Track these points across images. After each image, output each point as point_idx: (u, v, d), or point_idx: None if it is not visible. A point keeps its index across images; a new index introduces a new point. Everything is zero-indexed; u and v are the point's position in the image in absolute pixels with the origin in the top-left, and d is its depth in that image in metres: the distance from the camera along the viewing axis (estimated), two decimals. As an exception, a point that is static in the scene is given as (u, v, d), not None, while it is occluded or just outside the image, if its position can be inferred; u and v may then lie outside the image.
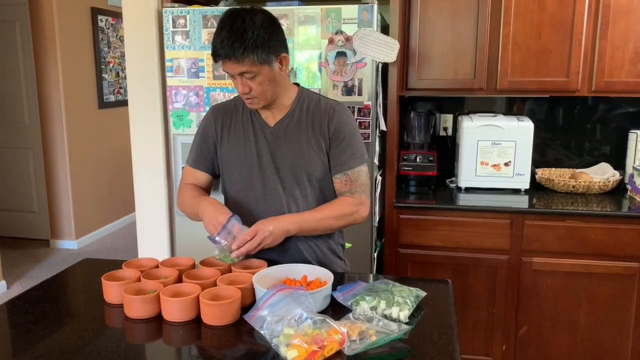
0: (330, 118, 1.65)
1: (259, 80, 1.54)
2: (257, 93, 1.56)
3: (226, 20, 1.50)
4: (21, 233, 5.06)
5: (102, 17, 5.18)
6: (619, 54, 2.52)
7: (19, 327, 1.35)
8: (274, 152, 1.65)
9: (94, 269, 1.75)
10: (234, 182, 1.71)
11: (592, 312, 2.48)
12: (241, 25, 1.47)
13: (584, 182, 2.65)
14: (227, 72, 1.56)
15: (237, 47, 1.46)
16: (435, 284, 1.60)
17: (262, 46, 1.49)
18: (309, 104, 1.68)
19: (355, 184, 1.65)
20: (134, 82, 2.74)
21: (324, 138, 1.65)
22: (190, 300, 1.34)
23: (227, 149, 1.70)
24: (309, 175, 1.65)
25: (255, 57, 1.48)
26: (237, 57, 1.48)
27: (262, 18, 1.51)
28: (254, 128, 1.68)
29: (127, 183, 4.55)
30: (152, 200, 2.81)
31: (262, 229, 1.52)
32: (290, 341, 1.15)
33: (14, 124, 4.87)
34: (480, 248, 2.50)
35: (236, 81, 1.55)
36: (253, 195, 1.67)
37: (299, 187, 1.65)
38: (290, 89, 1.68)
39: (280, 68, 1.58)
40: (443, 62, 2.67)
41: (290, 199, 1.65)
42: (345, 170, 1.65)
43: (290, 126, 1.66)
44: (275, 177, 1.65)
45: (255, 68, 1.51)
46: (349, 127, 1.67)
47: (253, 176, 1.67)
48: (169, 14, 2.48)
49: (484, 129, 2.67)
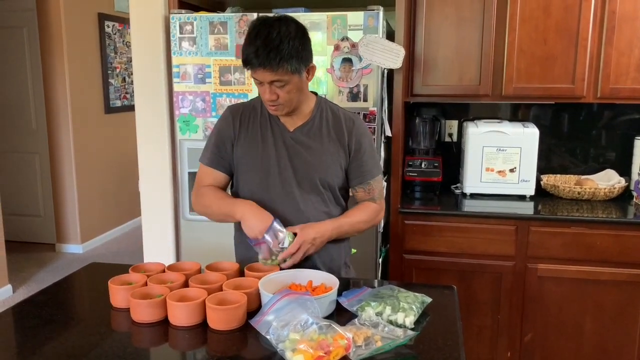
0: (350, 130, 1.70)
1: (287, 89, 1.56)
2: (283, 100, 1.58)
3: (261, 28, 1.51)
4: (27, 237, 5.08)
5: (109, 23, 5.21)
6: (625, 60, 2.52)
7: (25, 331, 1.35)
8: (293, 157, 1.68)
9: (100, 273, 1.76)
10: (248, 182, 1.73)
11: (597, 319, 2.47)
12: (277, 35, 1.49)
13: (590, 188, 2.65)
14: (256, 79, 1.57)
15: (272, 57, 1.48)
16: (441, 290, 1.60)
17: (295, 56, 1.51)
18: (327, 113, 1.72)
19: (376, 191, 1.75)
20: (141, 88, 2.76)
21: (344, 148, 1.69)
22: (196, 304, 1.34)
23: (243, 149, 1.72)
24: (325, 181, 1.69)
25: (289, 66, 1.51)
26: (272, 66, 1.49)
27: (296, 28, 1.54)
28: (272, 131, 1.70)
29: (133, 187, 4.56)
30: (158, 205, 2.82)
31: (306, 240, 1.58)
32: (296, 346, 1.15)
33: (21, 129, 4.90)
34: (486, 254, 2.49)
35: (263, 88, 1.57)
36: (268, 197, 1.68)
37: (314, 191, 1.69)
38: (310, 97, 1.71)
39: (307, 77, 1.61)
40: (448, 68, 2.68)
41: (307, 202, 1.68)
42: (368, 180, 1.73)
43: (310, 133, 1.69)
44: (292, 181, 1.68)
45: (286, 77, 1.53)
46: (368, 139, 1.74)
47: (270, 178, 1.69)
48: (176, 20, 2.50)
49: (489, 135, 2.67)
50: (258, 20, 1.55)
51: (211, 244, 2.57)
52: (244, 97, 2.48)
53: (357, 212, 1.73)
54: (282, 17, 1.56)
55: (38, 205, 5.01)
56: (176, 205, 2.78)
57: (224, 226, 2.55)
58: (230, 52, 2.47)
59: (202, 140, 2.55)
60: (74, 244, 4.96)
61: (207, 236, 2.59)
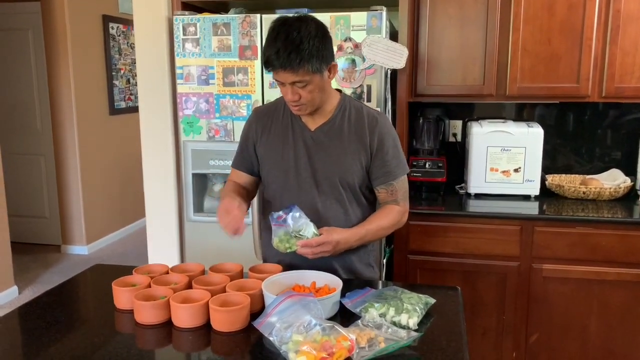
0: (373, 129, 1.67)
1: (309, 89, 1.55)
2: (306, 100, 1.57)
3: (280, 29, 1.51)
4: (32, 238, 5.10)
5: (113, 25, 5.23)
6: (629, 59, 2.51)
7: (30, 332, 1.36)
8: (312, 156, 1.67)
9: (104, 274, 1.77)
10: (270, 182, 1.75)
11: (603, 319, 2.46)
12: (297, 35, 1.48)
13: (595, 188, 2.63)
14: (277, 81, 1.56)
15: (293, 58, 1.47)
16: (445, 290, 1.59)
17: (316, 56, 1.50)
18: (350, 112, 1.70)
19: (399, 192, 1.72)
20: (145, 89, 2.77)
21: (365, 148, 1.67)
22: (200, 306, 1.35)
23: (265, 150, 1.73)
24: (345, 181, 1.68)
25: (310, 66, 1.50)
26: (293, 67, 1.49)
27: (316, 27, 1.53)
28: (293, 131, 1.70)
29: (138, 189, 4.57)
30: (162, 206, 2.83)
31: (329, 241, 1.54)
32: (299, 348, 1.15)
33: (26, 131, 4.93)
34: (490, 255, 2.48)
35: (285, 89, 1.56)
36: (288, 196, 1.69)
37: (334, 192, 1.68)
38: (333, 95, 1.70)
39: (329, 76, 1.60)
40: (452, 68, 2.67)
41: (325, 203, 1.68)
42: (391, 181, 1.70)
43: (331, 132, 1.68)
44: (311, 181, 1.68)
45: (308, 77, 1.52)
46: (392, 138, 1.70)
47: (289, 178, 1.69)
48: (180, 21, 2.50)
49: (494, 135, 2.66)
50: (278, 20, 1.54)
51: (215, 245, 2.58)
52: (247, 98, 2.49)
53: (380, 217, 1.70)
54: (302, 16, 1.55)
55: (43, 207, 5.03)
56: (180, 207, 2.79)
57: (228, 227, 2.57)
58: (233, 53, 2.47)
59: (205, 141, 2.56)
60: (79, 245, 4.98)
61: (211, 238, 2.59)
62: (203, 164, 2.58)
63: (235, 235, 1.57)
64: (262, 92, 2.47)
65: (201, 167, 2.59)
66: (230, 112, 2.52)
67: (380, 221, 1.70)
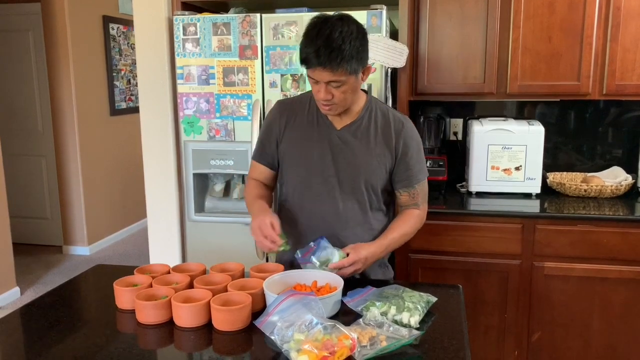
0: (399, 133, 1.68)
1: (343, 89, 1.54)
2: (338, 101, 1.57)
3: (322, 27, 1.49)
4: (34, 239, 5.11)
5: (114, 25, 5.23)
6: (630, 56, 2.51)
7: (32, 333, 1.36)
8: (337, 155, 1.67)
9: (106, 274, 1.77)
10: (291, 178, 1.74)
11: (605, 317, 2.45)
12: (339, 35, 1.47)
13: (596, 186, 2.63)
14: (312, 78, 1.55)
15: (334, 58, 1.46)
16: (446, 289, 1.59)
17: (355, 57, 1.50)
18: (376, 114, 1.70)
19: (420, 196, 1.74)
20: (145, 89, 2.77)
21: (390, 151, 1.67)
22: (201, 305, 1.35)
23: (288, 145, 1.72)
24: (367, 182, 1.67)
25: (348, 67, 1.49)
26: (333, 67, 1.48)
27: (357, 29, 1.53)
28: (319, 128, 1.69)
29: (139, 189, 4.58)
30: (163, 207, 2.83)
31: (359, 259, 1.56)
32: (300, 347, 1.15)
33: (27, 132, 4.93)
34: (492, 253, 2.48)
35: (318, 87, 1.55)
36: (309, 194, 1.69)
37: (355, 192, 1.67)
38: (361, 96, 1.70)
39: (362, 78, 1.59)
40: (452, 66, 2.67)
41: (346, 203, 1.67)
42: (414, 185, 1.71)
43: (357, 132, 1.67)
44: (333, 180, 1.67)
45: (344, 78, 1.51)
46: (416, 142, 1.71)
47: (311, 175, 1.68)
48: (180, 21, 2.50)
49: (495, 133, 2.66)
50: (318, 18, 1.53)
51: (217, 245, 2.58)
52: (248, 97, 2.49)
53: (403, 224, 1.72)
54: (344, 16, 1.54)
55: (45, 208, 5.04)
56: (181, 207, 2.79)
57: (230, 227, 2.57)
58: (233, 53, 2.47)
59: (206, 141, 2.56)
60: (81, 245, 4.99)
61: (213, 237, 2.60)
62: (204, 163, 2.58)
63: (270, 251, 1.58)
64: (262, 91, 2.47)
65: (202, 167, 2.59)
66: (230, 111, 2.52)
67: (402, 228, 1.71)
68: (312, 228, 1.69)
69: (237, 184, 2.63)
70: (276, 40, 2.42)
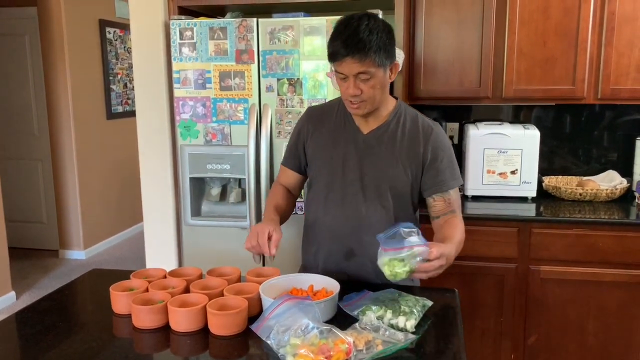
0: (427, 139, 1.66)
1: (371, 83, 1.53)
2: (366, 96, 1.55)
3: (349, 22, 1.51)
4: (30, 244, 5.09)
5: (110, 29, 5.24)
6: (625, 61, 2.52)
7: (28, 338, 1.36)
8: (362, 159, 1.67)
9: (102, 279, 1.76)
10: (318, 182, 1.74)
11: (601, 320, 2.46)
12: (366, 27, 1.48)
13: (591, 189, 2.64)
14: (341, 73, 1.54)
15: (361, 47, 1.47)
16: (442, 293, 1.60)
17: (383, 48, 1.50)
18: (405, 119, 1.68)
19: (456, 203, 1.69)
20: (142, 93, 2.77)
21: (417, 157, 1.65)
22: (197, 310, 1.35)
23: (314, 149, 1.73)
24: (392, 188, 1.66)
25: (377, 57, 1.49)
26: (361, 55, 1.48)
27: (383, 23, 1.54)
28: (345, 132, 1.69)
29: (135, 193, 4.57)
30: (159, 211, 2.82)
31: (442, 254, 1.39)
32: (296, 351, 1.15)
33: (24, 136, 4.92)
34: (488, 257, 2.49)
35: (348, 83, 1.54)
36: (333, 197, 1.69)
37: (379, 198, 1.66)
38: (390, 101, 1.69)
39: (390, 75, 1.59)
40: (448, 70, 2.68)
41: (370, 208, 1.67)
42: (447, 190, 1.67)
43: (384, 137, 1.66)
44: (357, 184, 1.67)
45: (373, 69, 1.51)
46: (446, 148, 1.69)
47: (335, 179, 1.68)
48: (176, 26, 2.51)
49: (490, 137, 2.67)
50: (345, 16, 1.55)
51: (213, 249, 2.58)
52: (244, 102, 2.49)
53: (456, 231, 1.61)
54: (369, 13, 1.55)
55: (41, 212, 5.03)
56: (178, 211, 2.79)
57: (226, 231, 2.57)
58: (230, 57, 2.47)
59: (202, 145, 2.56)
60: (77, 250, 4.97)
61: (209, 242, 2.59)
62: (200, 168, 2.58)
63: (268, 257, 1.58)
64: (259, 96, 2.48)
65: (198, 171, 2.59)
66: (227, 116, 2.52)
67: (458, 234, 1.61)
68: (336, 231, 1.70)
69: (234, 188, 2.63)
70: (273, 45, 2.43)
